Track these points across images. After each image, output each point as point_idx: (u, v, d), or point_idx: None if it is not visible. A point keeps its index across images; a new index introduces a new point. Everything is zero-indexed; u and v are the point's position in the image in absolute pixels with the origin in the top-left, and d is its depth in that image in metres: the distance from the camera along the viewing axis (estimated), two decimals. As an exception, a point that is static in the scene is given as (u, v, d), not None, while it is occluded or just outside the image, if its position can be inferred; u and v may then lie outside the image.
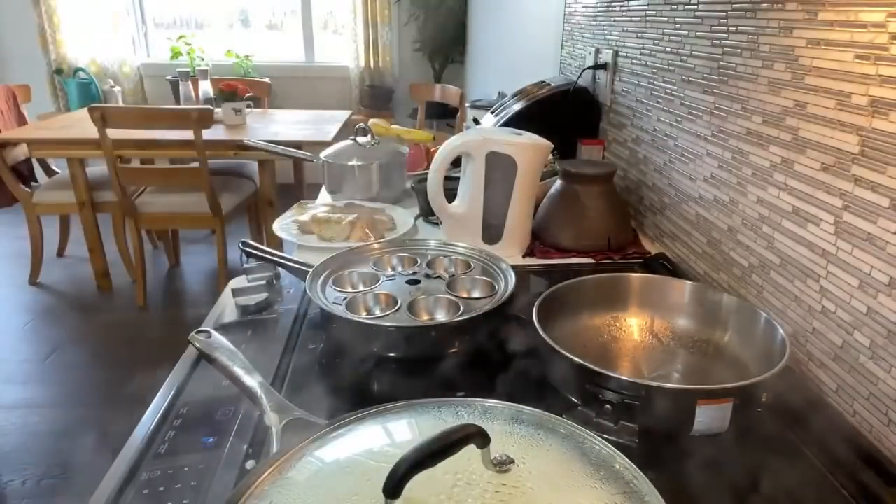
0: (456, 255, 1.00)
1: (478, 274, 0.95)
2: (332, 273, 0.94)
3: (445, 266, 0.99)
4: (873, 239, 0.68)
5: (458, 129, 3.14)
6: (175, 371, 0.78)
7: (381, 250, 1.02)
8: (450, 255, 1.00)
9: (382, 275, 0.95)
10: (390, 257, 1.00)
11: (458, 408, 0.55)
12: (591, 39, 1.64)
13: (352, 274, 0.95)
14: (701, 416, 0.63)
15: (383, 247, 1.04)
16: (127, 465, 0.61)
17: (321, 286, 0.90)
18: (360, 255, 1.00)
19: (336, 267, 0.96)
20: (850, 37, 0.70)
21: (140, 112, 2.79)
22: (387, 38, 4.55)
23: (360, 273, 0.96)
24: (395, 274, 0.96)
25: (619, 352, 0.86)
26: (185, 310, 3.04)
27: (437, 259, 0.99)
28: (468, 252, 1.01)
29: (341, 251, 0.99)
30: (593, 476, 0.47)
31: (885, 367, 0.67)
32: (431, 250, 1.02)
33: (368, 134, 1.54)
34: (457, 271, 0.97)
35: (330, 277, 0.93)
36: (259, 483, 0.46)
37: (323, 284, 0.91)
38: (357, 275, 0.95)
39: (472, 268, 0.97)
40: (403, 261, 1.00)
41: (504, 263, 0.95)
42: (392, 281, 0.93)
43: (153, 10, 4.64)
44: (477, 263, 0.98)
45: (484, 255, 0.99)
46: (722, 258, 1.01)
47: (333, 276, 0.94)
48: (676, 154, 1.16)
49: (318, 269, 0.93)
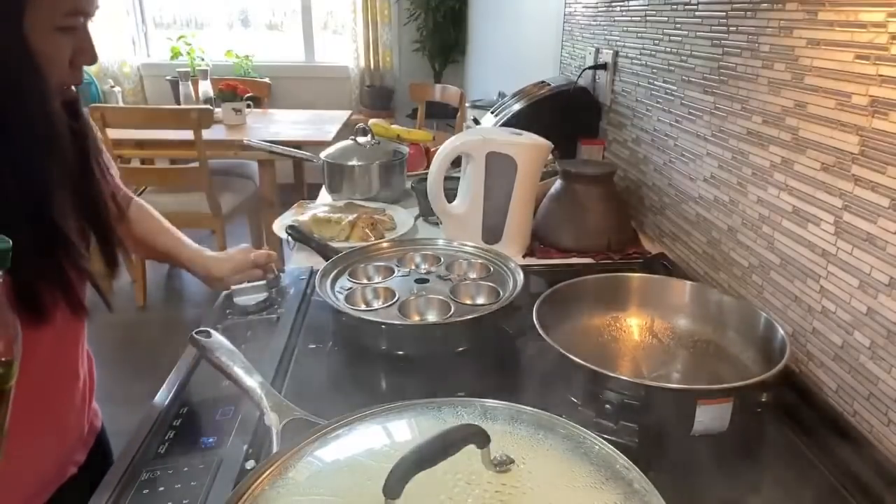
0: (475, 259, 0.99)
1: (489, 281, 0.92)
2: (352, 264, 0.96)
3: (464, 269, 0.97)
4: (873, 239, 0.68)
5: (458, 129, 3.14)
6: (175, 371, 0.78)
7: (402, 248, 1.03)
8: (469, 258, 0.99)
9: (399, 270, 0.95)
10: (414, 254, 1.01)
11: (458, 408, 0.55)
12: (591, 39, 1.64)
13: (367, 267, 0.96)
14: (701, 416, 0.63)
15: (403, 244, 1.05)
16: (127, 465, 0.62)
17: (336, 275, 0.92)
18: (383, 251, 1.02)
19: (359, 258, 0.98)
20: (850, 37, 0.70)
21: (140, 112, 2.79)
22: (387, 38, 4.55)
23: (376, 266, 0.96)
24: (409, 271, 0.95)
25: (619, 352, 0.86)
26: (185, 310, 3.04)
27: (457, 261, 0.98)
28: (487, 256, 0.99)
29: (366, 245, 1.02)
30: (593, 476, 0.47)
31: (885, 367, 0.67)
32: (462, 253, 1.01)
33: (368, 134, 1.54)
34: (467, 275, 0.96)
35: (348, 269, 0.95)
36: (259, 483, 0.46)
37: (339, 274, 0.93)
38: (373, 268, 0.96)
39: (490, 273, 0.94)
40: (427, 258, 1.00)
41: (513, 263, 0.94)
42: (404, 277, 0.93)
43: (153, 10, 4.64)
44: (496, 269, 0.95)
45: (501, 261, 0.97)
46: (722, 258, 1.01)
47: (351, 268, 0.95)
48: (676, 154, 1.16)
49: (339, 259, 0.95)
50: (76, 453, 0.83)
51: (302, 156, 1.66)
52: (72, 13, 0.62)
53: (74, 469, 0.81)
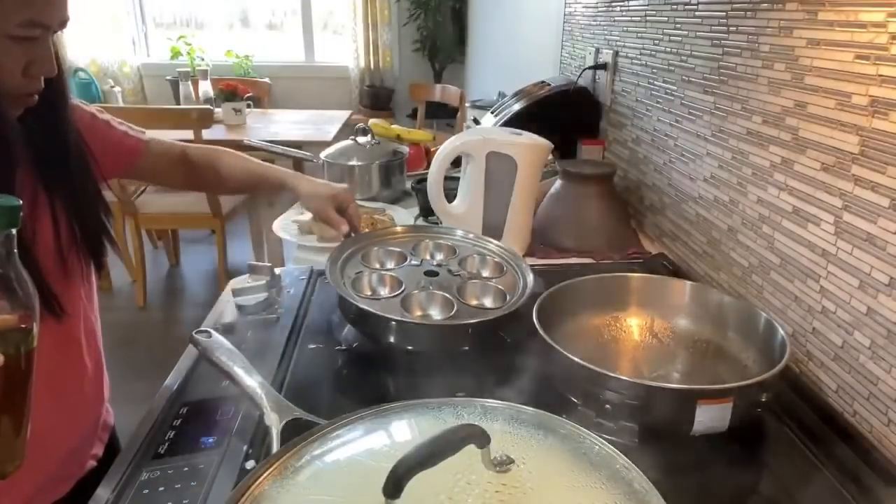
0: (490, 257, 0.97)
1: (499, 282, 0.91)
2: (365, 246, 0.95)
3: (477, 266, 0.95)
4: (873, 239, 0.68)
5: (458, 129, 3.14)
6: (175, 371, 0.78)
7: (418, 234, 1.02)
8: (486, 255, 0.97)
9: (412, 258, 0.94)
10: (429, 242, 1.00)
11: (458, 408, 0.55)
12: (591, 39, 1.64)
13: (381, 251, 0.96)
14: (701, 415, 0.63)
15: (420, 230, 1.04)
16: (127, 464, 0.62)
17: (348, 256, 0.92)
18: (397, 236, 1.01)
19: (373, 241, 0.97)
20: (850, 37, 0.70)
21: (140, 112, 2.79)
22: (387, 38, 4.55)
23: (389, 251, 0.96)
24: (422, 261, 0.94)
25: (619, 352, 0.86)
26: (185, 310, 3.04)
27: (471, 256, 0.97)
28: (504, 255, 0.97)
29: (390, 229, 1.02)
30: (593, 476, 0.47)
31: (885, 367, 0.67)
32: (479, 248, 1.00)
33: (368, 134, 1.54)
34: (480, 272, 0.94)
35: (361, 251, 0.94)
36: (259, 483, 0.46)
37: (352, 255, 0.93)
38: (386, 252, 0.96)
39: (503, 273, 0.93)
40: (442, 248, 0.99)
41: (525, 266, 0.93)
42: (415, 267, 0.92)
43: (153, 10, 4.63)
44: (509, 270, 0.94)
45: (516, 262, 0.95)
46: (722, 258, 1.01)
47: (364, 251, 0.94)
48: (676, 154, 1.16)
49: (354, 239, 0.95)
50: (93, 447, 0.86)
51: (302, 156, 1.66)
52: (27, 24, 0.62)
53: (94, 462, 0.84)
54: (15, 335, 0.48)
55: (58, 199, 0.74)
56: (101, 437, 0.88)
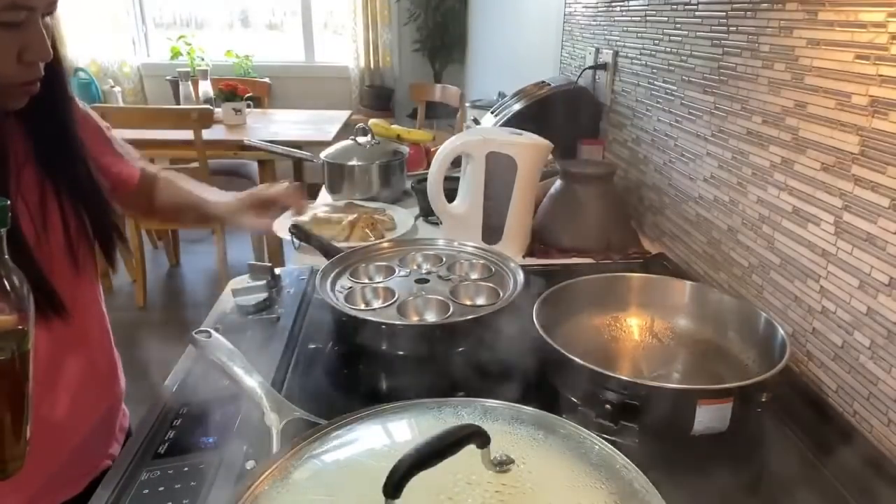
0: (476, 260, 0.98)
1: (490, 282, 0.92)
2: (353, 263, 0.95)
3: (466, 270, 0.96)
4: (873, 239, 0.68)
5: (458, 129, 3.14)
6: (175, 371, 0.78)
7: (403, 248, 1.02)
8: (471, 259, 0.98)
9: (400, 270, 0.94)
10: (416, 254, 1.00)
11: (458, 408, 0.54)
12: (591, 39, 1.64)
13: (369, 267, 0.95)
14: (701, 415, 0.63)
15: (404, 244, 1.04)
16: (127, 464, 0.62)
17: (337, 275, 0.92)
18: (383, 251, 1.01)
19: (360, 258, 0.97)
20: (850, 37, 0.70)
21: (140, 112, 2.79)
22: (387, 38, 4.54)
23: (377, 266, 0.96)
24: (410, 271, 0.95)
25: (619, 352, 0.86)
26: (185, 310, 3.03)
27: (458, 262, 0.97)
28: (489, 257, 0.98)
29: (368, 245, 1.01)
30: (593, 476, 0.47)
31: (885, 367, 0.67)
32: (464, 253, 1.01)
33: (368, 134, 1.54)
34: (469, 275, 0.95)
35: (349, 268, 0.94)
36: (259, 483, 0.46)
37: (340, 273, 0.92)
38: (374, 267, 0.96)
39: (492, 274, 0.94)
40: (429, 258, 0.99)
41: (513, 263, 0.93)
42: (404, 278, 0.92)
43: (153, 10, 4.63)
44: (497, 270, 0.94)
45: (502, 261, 0.96)
46: (722, 258, 1.01)
47: (352, 268, 0.94)
48: (676, 154, 1.16)
49: (340, 259, 0.95)
50: (109, 446, 0.86)
51: (302, 156, 1.66)
52: (9, 7, 0.60)
53: (109, 462, 0.84)
54: (8, 337, 0.47)
55: (64, 192, 0.74)
56: (117, 438, 0.89)
